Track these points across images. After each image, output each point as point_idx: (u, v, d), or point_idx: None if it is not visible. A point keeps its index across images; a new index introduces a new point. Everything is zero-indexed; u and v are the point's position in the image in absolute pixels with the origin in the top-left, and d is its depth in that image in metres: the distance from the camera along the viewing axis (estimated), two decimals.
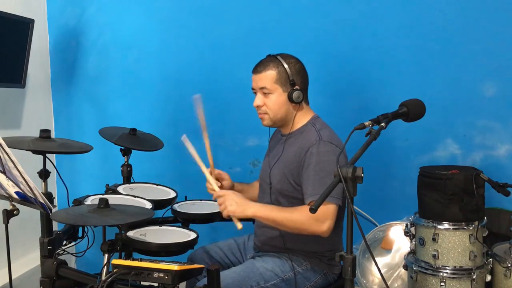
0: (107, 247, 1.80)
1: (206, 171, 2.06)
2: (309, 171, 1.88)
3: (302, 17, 2.84)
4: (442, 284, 2.17)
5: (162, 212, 2.39)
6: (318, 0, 2.81)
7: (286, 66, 1.95)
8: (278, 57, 1.98)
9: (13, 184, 1.79)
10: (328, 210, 1.82)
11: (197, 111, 2.11)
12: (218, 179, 2.14)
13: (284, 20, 2.86)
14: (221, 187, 2.10)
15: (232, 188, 2.19)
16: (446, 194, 2.19)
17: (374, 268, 2.67)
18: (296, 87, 1.96)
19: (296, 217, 1.85)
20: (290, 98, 1.96)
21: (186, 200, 2.51)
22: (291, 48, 2.12)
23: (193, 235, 2.08)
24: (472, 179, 2.19)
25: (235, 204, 1.88)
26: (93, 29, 3.14)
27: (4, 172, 1.78)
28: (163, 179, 2.66)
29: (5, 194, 1.86)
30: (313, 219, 1.80)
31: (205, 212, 2.36)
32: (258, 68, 1.99)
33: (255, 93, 2.03)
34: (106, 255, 1.80)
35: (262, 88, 1.98)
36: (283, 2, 2.87)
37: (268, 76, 1.96)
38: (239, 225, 1.88)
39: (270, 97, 1.98)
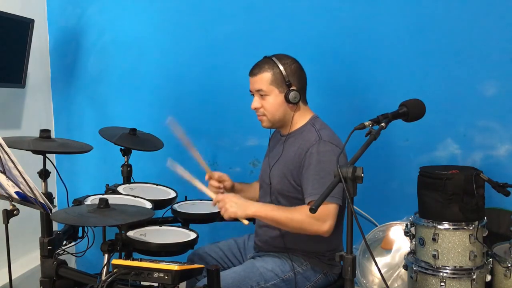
0: (107, 247, 1.80)
1: (198, 185, 2.05)
2: (309, 171, 1.88)
3: (301, 16, 2.84)
4: (442, 284, 2.17)
5: (162, 212, 2.39)
6: (318, 0, 2.82)
7: (281, 67, 1.95)
8: (273, 58, 1.98)
9: (13, 184, 1.79)
10: (328, 210, 1.82)
11: (176, 133, 2.12)
12: (219, 181, 2.15)
13: (284, 19, 2.86)
14: (223, 188, 2.14)
15: (232, 188, 2.20)
16: (446, 194, 2.19)
17: (374, 268, 2.67)
18: (293, 87, 1.96)
19: (297, 216, 1.85)
20: (287, 99, 1.96)
21: (186, 200, 2.51)
22: (290, 47, 2.12)
23: (193, 235, 2.08)
24: (472, 179, 2.19)
25: (235, 206, 1.88)
26: (93, 29, 3.14)
27: (4, 172, 1.78)
28: (163, 179, 2.65)
29: (5, 194, 1.86)
30: (313, 218, 1.80)
31: (205, 212, 2.36)
32: (254, 70, 2.00)
33: (253, 95, 2.03)
34: (106, 255, 1.79)
35: (258, 91, 1.98)
36: (283, 2, 2.86)
37: (264, 78, 1.96)
38: (245, 221, 1.88)
39: (267, 99, 1.98)
